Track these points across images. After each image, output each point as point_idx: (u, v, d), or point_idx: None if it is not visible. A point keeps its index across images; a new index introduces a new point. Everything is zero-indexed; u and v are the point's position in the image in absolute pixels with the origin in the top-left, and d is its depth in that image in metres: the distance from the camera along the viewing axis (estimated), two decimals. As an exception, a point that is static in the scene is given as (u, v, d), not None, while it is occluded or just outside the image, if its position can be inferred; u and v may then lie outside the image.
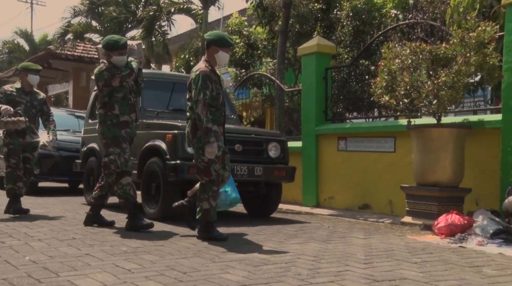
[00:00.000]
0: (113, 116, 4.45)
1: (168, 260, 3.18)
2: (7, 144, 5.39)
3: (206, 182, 4.02)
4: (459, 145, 4.91)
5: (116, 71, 4.42)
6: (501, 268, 3.17)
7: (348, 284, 2.65)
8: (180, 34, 17.28)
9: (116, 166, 4.39)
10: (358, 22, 9.24)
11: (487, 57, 4.63)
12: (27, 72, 5.54)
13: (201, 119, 3.92)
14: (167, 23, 14.59)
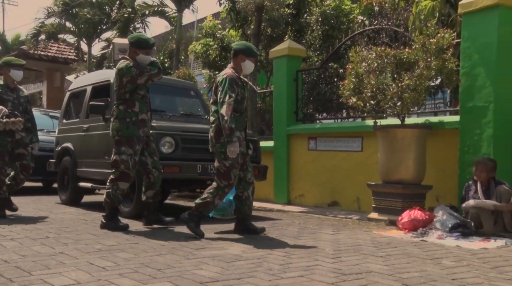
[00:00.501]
0: (133, 113, 4.33)
1: (143, 258, 3.14)
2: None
3: (225, 186, 4.00)
4: (421, 145, 5.02)
5: (144, 69, 4.33)
6: (458, 259, 3.26)
7: (317, 278, 2.67)
8: (154, 36, 17.10)
9: (127, 167, 4.28)
10: (327, 27, 9.36)
11: (446, 62, 4.76)
12: (9, 68, 5.20)
13: (225, 119, 3.85)
14: (141, 25, 14.41)
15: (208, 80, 11.69)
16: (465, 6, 4.93)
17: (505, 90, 4.81)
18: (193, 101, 6.88)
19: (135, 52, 4.36)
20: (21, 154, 5.17)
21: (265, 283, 2.54)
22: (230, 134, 3.86)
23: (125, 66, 4.29)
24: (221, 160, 3.99)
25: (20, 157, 5.16)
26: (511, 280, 2.71)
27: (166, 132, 5.14)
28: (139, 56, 4.35)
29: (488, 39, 4.76)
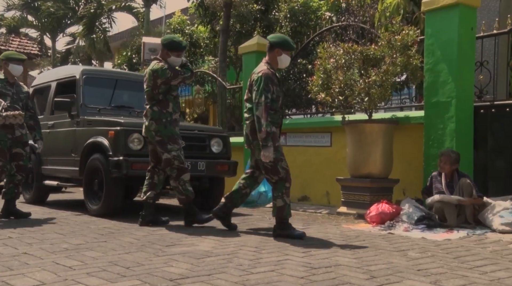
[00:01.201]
0: (167, 114, 4.40)
1: (111, 256, 3.09)
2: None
3: (276, 180, 3.88)
4: (388, 139, 5.12)
5: (178, 71, 4.42)
6: (423, 251, 3.35)
7: (287, 272, 2.69)
8: (121, 32, 16.77)
9: (180, 161, 4.35)
10: (296, 23, 9.41)
11: (411, 58, 4.87)
12: (8, 62, 4.96)
13: (261, 123, 3.75)
14: (108, 21, 14.12)
15: (177, 76, 11.55)
16: (427, 4, 5.05)
17: (466, 86, 4.96)
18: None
19: (167, 54, 4.43)
20: (18, 154, 4.88)
21: (236, 279, 2.55)
22: (265, 139, 3.74)
23: (160, 68, 4.36)
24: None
25: (16, 157, 4.88)
26: (472, 269, 2.81)
27: (134, 128, 5.05)
28: (171, 58, 4.42)
29: (449, 36, 4.89)
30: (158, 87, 4.37)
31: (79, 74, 5.88)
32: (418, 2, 5.58)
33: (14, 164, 4.89)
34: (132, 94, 6.39)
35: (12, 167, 4.88)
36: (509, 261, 3.04)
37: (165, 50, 4.44)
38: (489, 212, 4.22)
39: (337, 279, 2.54)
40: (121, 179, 4.99)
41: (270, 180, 3.95)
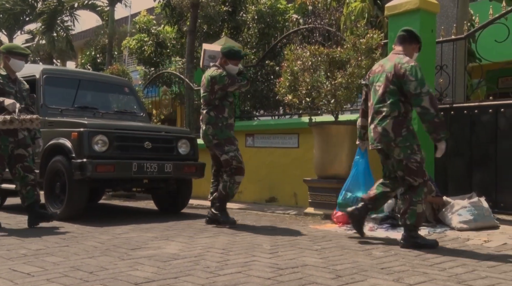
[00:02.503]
0: (223, 118, 4.55)
1: (73, 261, 3.02)
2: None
3: (419, 183, 3.49)
4: (354, 140, 5.20)
5: (236, 78, 4.56)
6: (387, 249, 3.44)
7: (254, 273, 2.71)
8: (85, 30, 16.42)
9: (238, 161, 4.50)
10: (263, 25, 9.47)
11: (375, 61, 4.99)
12: (9, 56, 4.51)
13: (432, 113, 3.39)
14: (70, 18, 13.79)
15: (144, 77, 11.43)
16: (390, 9, 5.19)
17: (428, 88, 5.12)
18: (128, 98, 6.70)
19: (225, 61, 4.58)
20: (21, 155, 4.50)
21: (202, 281, 2.54)
22: (442, 130, 3.44)
23: (219, 74, 4.50)
24: (409, 156, 3.51)
25: (20, 159, 4.50)
26: (432, 266, 2.90)
27: (99, 130, 4.97)
28: (229, 66, 4.57)
29: (412, 40, 5.04)
30: (215, 93, 4.52)
31: (39, 73, 5.72)
32: (382, 6, 5.73)
33: (20, 166, 4.48)
34: (97, 95, 6.28)
35: (19, 169, 4.49)
36: (466, 257, 3.16)
37: (223, 58, 4.60)
38: (448, 210, 4.37)
39: (304, 279, 2.58)
40: (85, 181, 4.89)
41: (411, 182, 3.53)
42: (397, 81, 3.54)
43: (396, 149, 3.55)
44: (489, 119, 4.77)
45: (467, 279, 2.59)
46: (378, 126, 3.59)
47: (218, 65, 4.62)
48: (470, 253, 3.31)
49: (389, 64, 3.63)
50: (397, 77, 3.53)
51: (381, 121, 3.58)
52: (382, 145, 3.61)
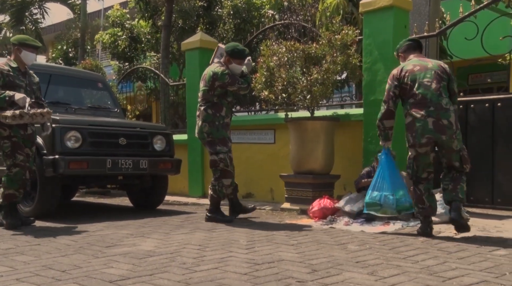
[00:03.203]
0: (220, 117, 4.58)
1: (45, 260, 2.96)
2: (9, 137, 4.18)
3: (468, 169, 3.77)
4: (330, 136, 5.28)
5: (237, 79, 4.53)
6: (362, 243, 3.50)
7: (231, 269, 2.71)
8: (56, 24, 16.02)
9: (225, 165, 4.55)
10: (239, 20, 9.45)
11: (350, 57, 5.05)
12: (21, 48, 4.34)
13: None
14: (39, 11, 13.43)
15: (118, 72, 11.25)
16: (365, 5, 5.25)
17: (402, 84, 5.21)
18: (102, 94, 6.59)
19: (228, 60, 4.57)
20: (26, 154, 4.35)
21: (179, 278, 2.53)
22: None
23: (221, 71, 4.50)
24: (463, 147, 3.76)
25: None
26: (405, 258, 2.97)
27: (71, 126, 4.87)
28: (232, 65, 4.56)
29: (385, 36, 5.12)
30: (214, 90, 4.52)
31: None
32: (357, 3, 5.79)
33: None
34: (69, 90, 6.15)
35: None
36: (438, 250, 3.24)
37: (227, 57, 4.58)
38: (422, 204, 4.44)
39: (280, 274, 2.60)
40: (57, 178, 4.79)
41: (464, 169, 3.75)
42: (446, 78, 3.73)
43: (455, 140, 3.67)
44: (460, 115, 4.88)
45: (438, 270, 2.66)
46: (443, 119, 3.61)
47: (222, 62, 4.62)
48: (441, 245, 3.40)
49: (431, 63, 3.80)
50: (447, 75, 3.75)
51: (445, 114, 3.62)
52: (446, 137, 3.64)
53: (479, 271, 2.65)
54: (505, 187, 4.70)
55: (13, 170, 4.20)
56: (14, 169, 4.21)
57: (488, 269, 2.70)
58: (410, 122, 3.71)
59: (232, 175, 4.68)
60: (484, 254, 3.08)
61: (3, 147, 4.22)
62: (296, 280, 2.46)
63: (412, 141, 3.71)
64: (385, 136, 3.98)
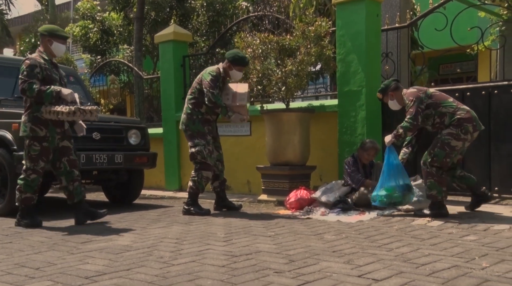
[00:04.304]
0: (199, 112, 4.64)
1: (18, 258, 2.89)
2: (42, 140, 3.97)
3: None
4: (305, 127, 5.30)
5: (214, 91, 4.50)
6: (338, 233, 3.54)
7: (209, 262, 2.71)
8: (23, 15, 15.53)
9: (202, 157, 4.57)
10: (213, 13, 9.36)
11: (324, 49, 5.07)
12: (52, 39, 4.08)
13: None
14: (4, 2, 12.99)
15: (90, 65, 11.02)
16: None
17: (374, 75, 5.28)
18: (73, 88, 6.39)
19: (229, 66, 4.62)
20: (66, 148, 4.15)
21: (156, 272, 2.51)
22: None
23: (210, 71, 4.60)
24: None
25: (66, 151, 4.15)
26: (380, 247, 3.02)
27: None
28: (233, 71, 4.63)
29: (358, 28, 5.16)
30: (199, 85, 4.62)
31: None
32: (330, -6, 5.80)
33: (65, 159, 4.14)
34: (39, 84, 5.97)
35: (65, 163, 4.14)
36: (411, 237, 3.31)
37: (228, 63, 4.62)
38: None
39: (258, 265, 2.60)
40: (29, 175, 4.67)
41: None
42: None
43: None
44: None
45: (412, 257, 2.71)
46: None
47: (221, 67, 4.67)
48: (415, 233, 3.47)
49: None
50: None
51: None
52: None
53: (450, 256, 2.73)
54: (473, 174, 4.83)
55: (31, 176, 4.01)
56: (32, 175, 4.02)
57: (458, 254, 2.77)
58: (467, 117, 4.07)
59: (212, 168, 4.68)
60: (455, 240, 3.17)
61: (31, 149, 3.99)
62: (273, 271, 2.47)
63: (472, 130, 4.06)
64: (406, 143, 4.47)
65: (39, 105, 3.94)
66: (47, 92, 3.87)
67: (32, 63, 3.94)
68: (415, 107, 4.07)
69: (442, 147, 4.06)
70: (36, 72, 3.93)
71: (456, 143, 4.05)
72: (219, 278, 2.36)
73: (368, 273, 2.40)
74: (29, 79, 3.89)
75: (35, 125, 3.96)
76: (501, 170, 4.75)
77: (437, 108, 4.12)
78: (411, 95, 4.15)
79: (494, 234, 3.35)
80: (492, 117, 4.80)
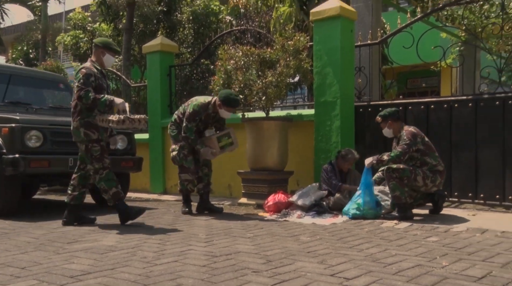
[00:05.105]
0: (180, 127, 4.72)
1: (4, 258, 2.81)
2: (98, 140, 4.00)
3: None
4: (284, 135, 5.32)
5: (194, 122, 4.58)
6: (313, 234, 3.55)
7: (190, 262, 2.68)
8: (16, 25, 15.24)
9: (175, 161, 4.71)
10: (198, 25, 9.35)
11: (302, 62, 5.11)
12: (105, 51, 4.13)
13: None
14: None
15: (80, 73, 10.81)
16: (315, 14, 5.34)
17: (348, 88, 5.34)
18: (63, 95, 6.33)
19: (220, 105, 4.57)
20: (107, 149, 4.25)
21: (139, 271, 2.47)
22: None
23: (196, 105, 4.59)
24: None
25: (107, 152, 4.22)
26: (351, 248, 3.04)
27: (32, 125, 4.65)
28: (222, 110, 4.59)
29: (334, 43, 5.22)
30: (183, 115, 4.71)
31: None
32: (308, 11, 5.86)
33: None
34: (30, 90, 5.87)
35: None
36: (380, 238, 3.34)
37: (219, 102, 4.55)
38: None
39: (237, 265, 2.59)
40: (17, 177, 4.57)
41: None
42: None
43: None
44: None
45: (380, 257, 2.74)
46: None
47: (212, 101, 4.62)
48: (383, 234, 3.51)
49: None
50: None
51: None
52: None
53: (415, 256, 2.76)
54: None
55: (104, 172, 4.04)
56: (105, 171, 4.04)
57: (422, 254, 2.81)
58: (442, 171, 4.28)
59: (189, 170, 4.70)
60: (419, 241, 3.21)
61: (93, 151, 4.01)
62: (251, 271, 2.46)
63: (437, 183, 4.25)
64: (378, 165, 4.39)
65: (90, 111, 3.98)
66: (101, 101, 3.91)
67: (88, 73, 3.96)
68: (408, 148, 4.19)
69: (411, 171, 4.16)
70: (91, 81, 3.95)
71: (421, 181, 4.17)
72: (200, 277, 2.34)
73: (340, 272, 2.41)
74: (85, 87, 3.90)
75: (87, 129, 3.99)
76: (460, 177, 4.85)
77: (424, 156, 4.24)
78: (410, 134, 4.23)
79: (453, 236, 3.42)
80: (453, 129, 4.91)
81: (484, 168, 4.72)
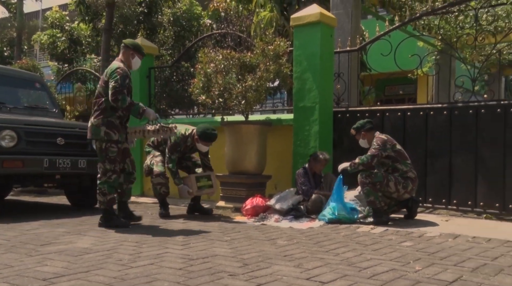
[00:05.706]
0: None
1: (-25, 260, 2.73)
2: (117, 142, 4.00)
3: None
4: (263, 139, 5.34)
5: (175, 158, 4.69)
6: (290, 238, 3.57)
7: (166, 264, 2.66)
8: (-11, 22, 14.86)
9: (146, 170, 4.86)
10: (179, 28, 9.32)
11: (282, 66, 5.15)
12: (135, 53, 4.10)
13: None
14: (-31, 8, 12.43)
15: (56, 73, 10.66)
16: (295, 20, 5.39)
17: (327, 93, 5.41)
18: (39, 94, 6.21)
19: (197, 140, 4.64)
20: (127, 149, 4.25)
21: (115, 274, 2.44)
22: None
23: (177, 138, 4.61)
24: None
25: (128, 152, 4.26)
26: (328, 252, 3.07)
27: (6, 125, 4.54)
28: (199, 144, 4.67)
29: (313, 49, 5.28)
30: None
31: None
32: (288, 17, 5.92)
33: (128, 160, 4.25)
34: (4, 89, 5.73)
35: (128, 164, 4.25)
36: (356, 243, 3.39)
37: (197, 137, 4.61)
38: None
39: (213, 268, 2.59)
40: (-10, 178, 4.45)
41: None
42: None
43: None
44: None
45: (355, 261, 2.78)
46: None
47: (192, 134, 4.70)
48: (359, 239, 3.55)
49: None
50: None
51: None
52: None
53: (389, 260, 2.81)
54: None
55: (112, 176, 4.05)
56: (113, 175, 4.05)
57: (396, 258, 2.87)
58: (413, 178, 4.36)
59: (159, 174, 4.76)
60: (394, 246, 3.27)
61: (110, 151, 4.01)
62: (228, 274, 2.46)
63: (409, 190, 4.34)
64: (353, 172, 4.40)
65: (114, 111, 3.97)
66: (136, 107, 3.97)
67: (124, 74, 3.94)
68: (378, 151, 4.28)
69: (384, 176, 4.25)
70: (127, 83, 3.96)
71: (393, 187, 4.26)
72: (176, 280, 2.32)
73: (315, 276, 2.43)
74: (122, 88, 3.88)
75: (109, 129, 3.97)
76: (435, 183, 4.96)
77: (395, 163, 4.34)
78: (380, 140, 4.34)
79: (427, 240, 3.49)
80: (429, 135, 5.02)
81: (457, 175, 4.84)
